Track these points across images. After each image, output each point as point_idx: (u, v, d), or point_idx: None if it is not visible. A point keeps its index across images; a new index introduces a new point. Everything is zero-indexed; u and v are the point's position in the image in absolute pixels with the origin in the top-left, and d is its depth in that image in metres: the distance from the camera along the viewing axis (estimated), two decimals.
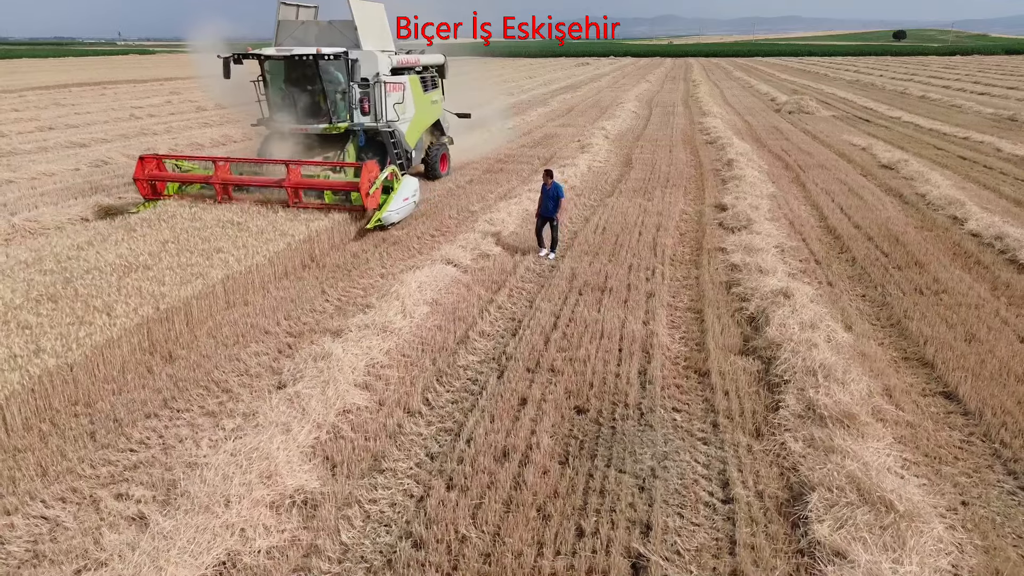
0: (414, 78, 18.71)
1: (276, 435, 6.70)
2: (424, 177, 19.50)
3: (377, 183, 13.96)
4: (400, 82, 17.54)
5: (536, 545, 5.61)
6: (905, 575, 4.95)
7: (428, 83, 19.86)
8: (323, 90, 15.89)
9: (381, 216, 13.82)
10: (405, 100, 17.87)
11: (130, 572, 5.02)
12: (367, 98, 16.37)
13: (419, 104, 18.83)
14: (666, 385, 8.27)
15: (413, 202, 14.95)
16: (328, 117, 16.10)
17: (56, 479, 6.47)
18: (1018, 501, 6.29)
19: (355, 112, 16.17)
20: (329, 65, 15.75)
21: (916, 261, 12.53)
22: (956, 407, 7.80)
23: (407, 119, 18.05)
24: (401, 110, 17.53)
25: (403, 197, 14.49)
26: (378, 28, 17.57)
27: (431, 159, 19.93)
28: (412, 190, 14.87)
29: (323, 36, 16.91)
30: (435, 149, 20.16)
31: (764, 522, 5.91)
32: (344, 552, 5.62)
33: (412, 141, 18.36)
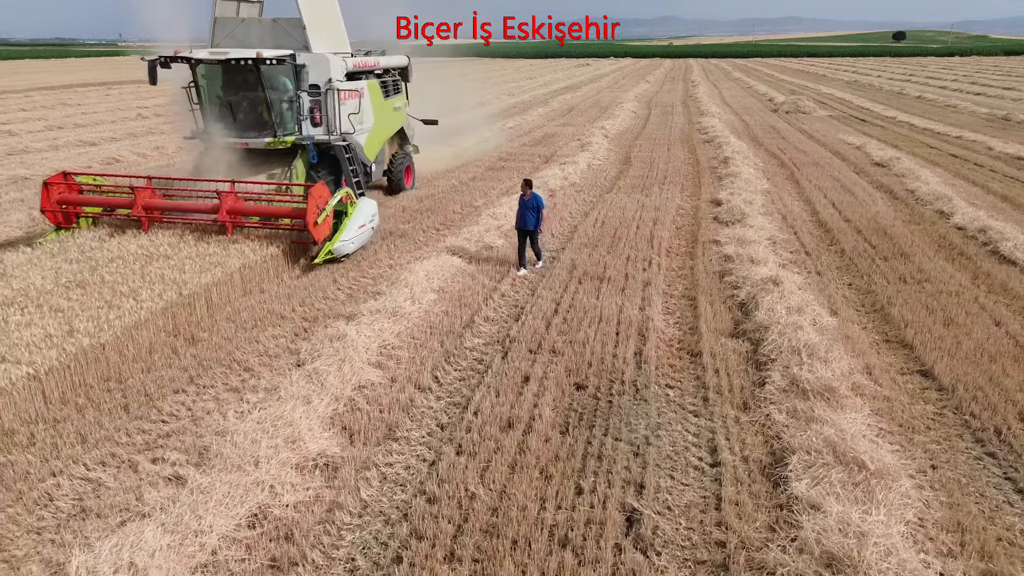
0: (373, 83, 16.84)
1: (298, 406, 7.24)
2: (387, 192, 18.18)
3: (327, 209, 12.11)
4: (356, 88, 15.64)
5: (539, 501, 6.14)
6: (873, 523, 5.47)
7: (390, 88, 18.01)
8: (266, 99, 13.81)
9: (332, 247, 12.12)
10: (362, 108, 16.03)
11: (172, 521, 5.56)
12: (318, 107, 14.51)
13: (379, 112, 17.04)
14: (660, 364, 8.81)
15: (371, 228, 13.17)
16: (272, 130, 14.03)
17: (95, 445, 7.00)
18: (984, 465, 6.83)
19: (304, 124, 14.35)
20: (272, 70, 13.76)
21: (902, 252, 13.07)
22: (931, 383, 8.34)
23: (365, 129, 16.21)
24: (358, 120, 15.68)
25: (358, 224, 12.62)
26: (331, 27, 15.63)
27: (394, 172, 18.16)
28: (369, 215, 13.06)
29: (267, 36, 14.82)
30: (399, 160, 18.34)
31: (748, 482, 6.45)
32: (364, 507, 6.16)
33: (372, 153, 16.61)
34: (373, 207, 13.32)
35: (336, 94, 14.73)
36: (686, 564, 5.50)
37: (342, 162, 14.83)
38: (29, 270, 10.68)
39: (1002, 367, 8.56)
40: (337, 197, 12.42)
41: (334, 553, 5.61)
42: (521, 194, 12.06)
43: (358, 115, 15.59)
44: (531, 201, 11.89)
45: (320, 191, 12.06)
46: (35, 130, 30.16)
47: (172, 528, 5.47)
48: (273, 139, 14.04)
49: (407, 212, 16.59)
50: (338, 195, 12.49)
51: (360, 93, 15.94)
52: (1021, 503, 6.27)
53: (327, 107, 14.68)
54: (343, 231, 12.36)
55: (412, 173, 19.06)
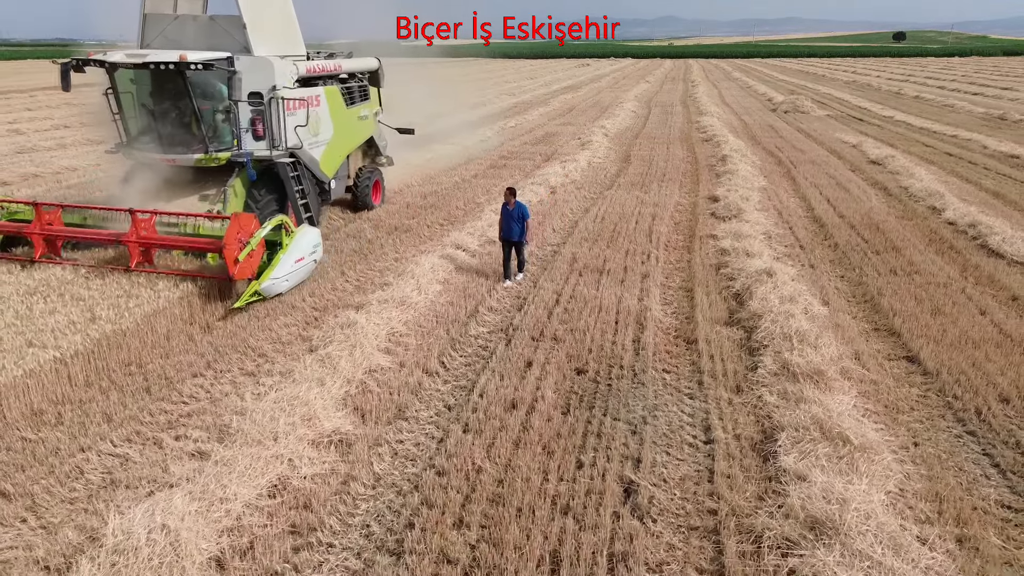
0: (332, 90, 14.88)
1: (312, 387, 7.61)
2: (351, 208, 16.51)
3: (253, 242, 10.41)
4: (305, 97, 13.52)
5: (542, 473, 6.52)
6: (854, 492, 5.84)
7: (355, 94, 16.06)
8: (195, 109, 12.06)
9: (260, 287, 10.35)
10: (317, 118, 14.04)
11: (199, 490, 5.93)
12: (260, 119, 12.67)
13: (340, 122, 15.08)
14: (657, 351, 9.18)
15: (313, 260, 11.53)
16: (203, 144, 12.22)
17: (121, 424, 7.38)
18: (963, 443, 7.20)
19: (246, 137, 12.64)
20: (202, 76, 11.99)
21: (893, 246, 13.45)
22: (917, 368, 8.72)
23: (322, 142, 14.37)
24: (311, 131, 13.74)
25: (295, 257, 10.91)
26: (279, 26, 13.79)
27: (360, 188, 16.25)
28: (310, 246, 11.34)
29: (203, 36, 12.96)
30: (365, 175, 16.42)
31: (740, 457, 6.82)
32: (377, 480, 6.54)
33: (330, 168, 14.78)
34: (315, 237, 11.58)
35: (281, 103, 12.75)
36: (680, 530, 5.87)
37: (286, 182, 12.85)
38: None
39: (985, 353, 8.94)
40: (267, 227, 10.72)
41: (350, 520, 5.99)
42: (504, 203, 11.42)
43: (308, 126, 13.48)
44: (515, 211, 11.27)
45: (244, 221, 10.57)
46: (42, 129, 30.57)
47: (199, 496, 5.85)
48: (204, 155, 12.18)
49: (411, 208, 16.97)
50: (269, 224, 10.76)
51: (311, 102, 13.84)
52: (997, 477, 6.64)
53: (271, 118, 12.75)
54: (275, 266, 10.56)
55: (381, 189, 17.24)
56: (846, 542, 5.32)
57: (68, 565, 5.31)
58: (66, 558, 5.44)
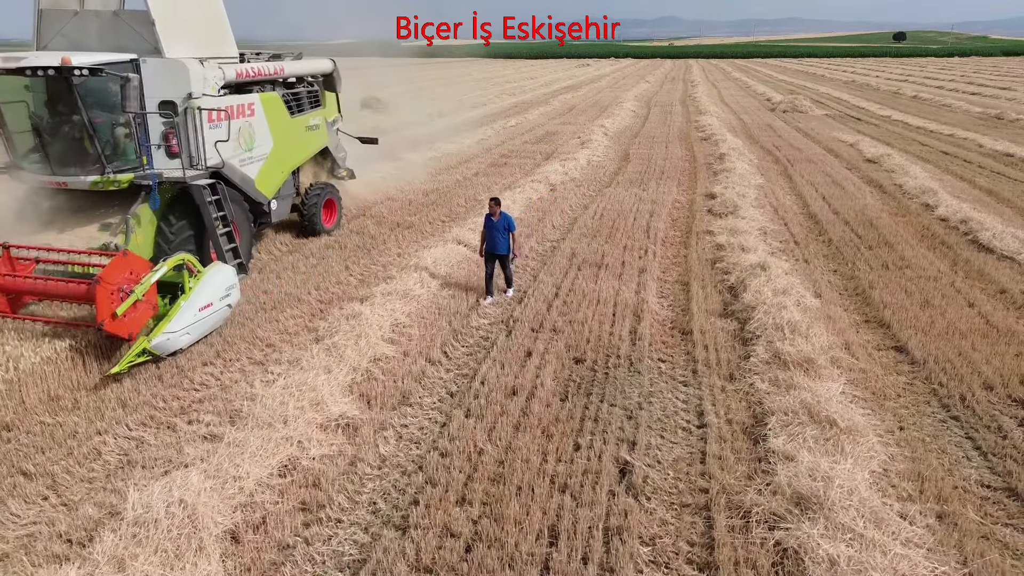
0: (271, 97, 12.93)
1: (320, 374, 7.90)
2: (300, 233, 14.44)
3: (139, 290, 8.58)
4: (226, 107, 11.33)
5: (541, 454, 6.80)
6: (839, 471, 6.11)
7: (303, 101, 14.19)
8: (88, 122, 10.13)
9: (151, 343, 8.42)
10: (251, 130, 12.20)
11: (213, 469, 6.21)
12: (174, 133, 10.81)
13: (282, 133, 13.13)
14: (653, 341, 9.46)
15: (226, 306, 9.67)
16: (100, 164, 10.37)
17: (135, 409, 7.66)
18: (947, 427, 7.47)
19: (156, 155, 10.80)
20: (95, 83, 10.05)
21: (886, 242, 13.72)
22: (905, 358, 8.99)
23: (258, 156, 12.47)
24: (243, 145, 11.93)
25: (202, 303, 9.10)
26: (199, 22, 11.84)
27: (308, 208, 14.14)
28: (222, 289, 9.51)
29: (109, 35, 11.11)
30: (314, 193, 14.30)
31: (731, 440, 7.10)
32: (383, 461, 6.82)
33: (271, 187, 12.89)
34: (228, 277, 9.71)
35: (199, 114, 10.82)
36: (672, 507, 6.15)
37: (202, 209, 10.63)
38: None
39: (971, 343, 9.21)
40: (159, 270, 8.90)
41: (357, 498, 6.27)
42: (488, 214, 10.63)
43: (237, 140, 11.66)
44: (500, 222, 10.54)
45: (133, 263, 8.78)
46: None
47: (213, 474, 6.13)
48: (100, 177, 10.36)
49: (413, 205, 17.25)
50: (163, 265, 8.98)
51: (247, 110, 12.08)
52: (978, 458, 6.91)
53: (186, 132, 10.87)
54: (172, 317, 8.70)
55: (337, 209, 15.10)
56: (830, 516, 5.60)
57: (90, 538, 5.59)
58: (87, 532, 5.73)
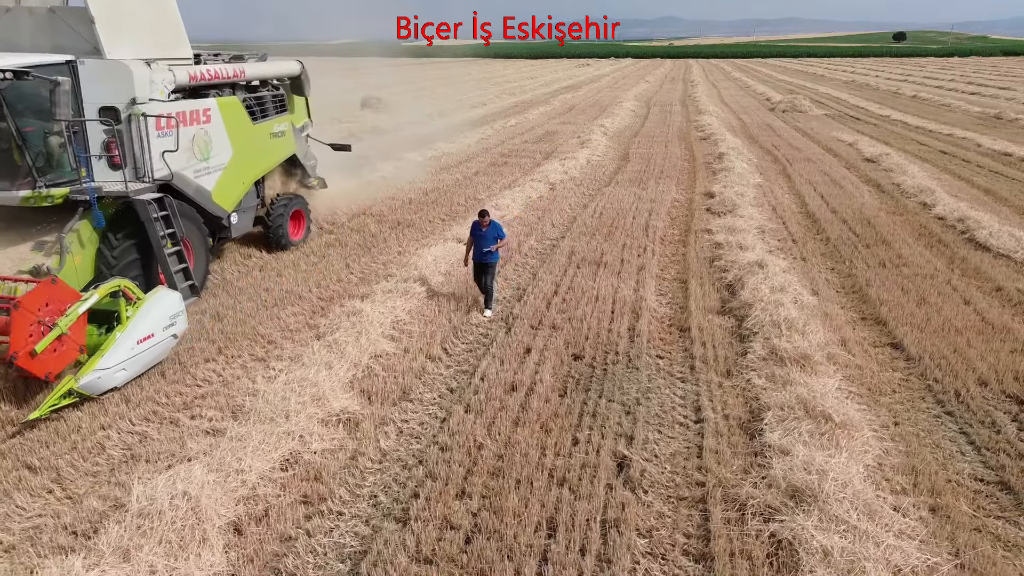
0: (230, 101, 12.02)
1: (321, 370, 7.98)
2: (266, 246, 13.41)
3: (64, 323, 7.55)
4: (175, 113, 10.42)
5: (540, 449, 6.88)
6: (834, 464, 6.19)
7: (268, 106, 13.24)
8: (15, 131, 9.27)
9: (78, 383, 7.53)
10: (207, 138, 11.27)
11: (216, 462, 6.30)
12: (116, 142, 9.84)
13: (243, 140, 12.18)
14: (652, 338, 9.54)
15: (171, 336, 8.65)
16: (31, 178, 9.43)
17: (138, 405, 7.74)
18: (942, 422, 7.55)
19: (97, 167, 9.88)
20: (23, 88, 9.18)
21: (883, 240, 13.80)
22: (900, 354, 9.07)
23: (216, 167, 11.55)
24: (198, 154, 11.06)
25: (141, 335, 8.11)
26: (146, 20, 10.83)
27: (273, 220, 13.11)
28: (165, 317, 8.48)
29: (44, 34, 10.13)
30: (280, 205, 13.31)
31: (728, 435, 7.18)
32: (383, 455, 6.90)
33: (230, 199, 11.97)
34: (173, 304, 8.71)
35: (144, 122, 9.91)
36: (669, 500, 6.23)
37: (147, 226, 9.67)
38: None
39: (967, 339, 9.29)
40: (89, 299, 7.85)
41: (358, 491, 6.35)
42: (475, 222, 10.21)
43: (191, 149, 10.78)
44: (490, 231, 10.09)
45: (59, 292, 7.72)
46: None
47: (216, 468, 6.21)
48: (32, 192, 9.40)
49: (413, 204, 17.33)
50: (94, 293, 7.94)
51: (202, 116, 11.16)
52: (972, 453, 6.99)
53: (130, 141, 9.97)
54: (105, 352, 7.76)
55: (305, 220, 14.12)
56: (824, 508, 5.68)
57: (95, 530, 5.67)
58: (92, 524, 5.80)
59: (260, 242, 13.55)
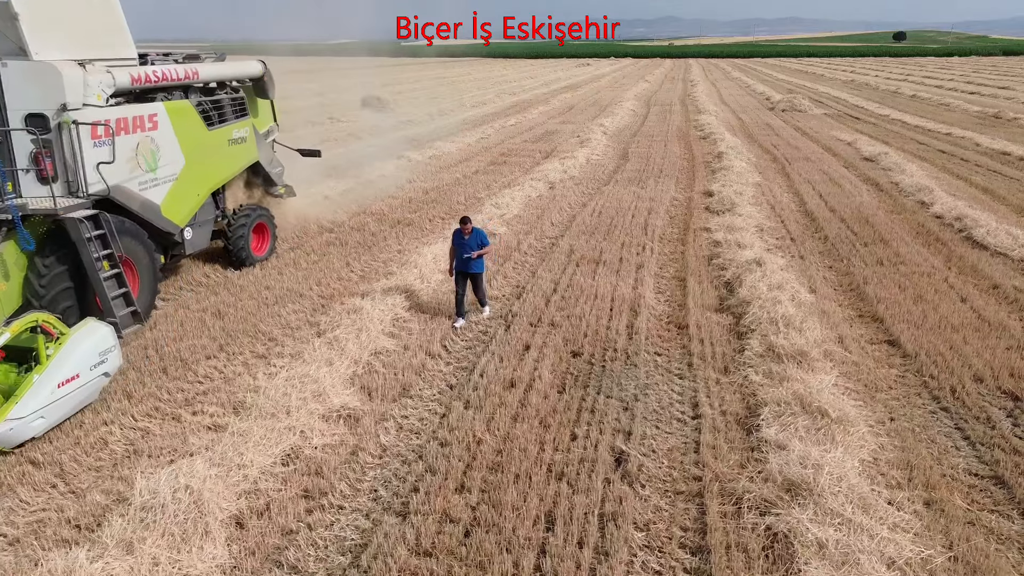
0: (180, 106, 11.04)
1: (322, 367, 8.05)
2: (227, 263, 12.33)
3: None
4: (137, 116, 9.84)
5: (538, 444, 6.94)
6: (829, 459, 6.26)
7: (226, 110, 12.21)
8: None
9: None
10: (154, 147, 10.28)
11: (218, 457, 6.36)
12: (45, 153, 8.99)
13: (196, 148, 11.20)
14: (650, 335, 9.60)
15: (102, 375, 7.76)
16: None
17: (140, 401, 7.80)
18: (937, 418, 7.61)
19: (23, 181, 9.03)
20: None
21: (881, 238, 13.87)
22: (897, 351, 9.14)
23: (165, 178, 10.55)
24: (145, 164, 10.08)
25: (60, 379, 7.19)
26: (79, 18, 9.83)
27: (233, 234, 12.03)
28: (93, 355, 7.58)
29: None
30: (241, 217, 12.22)
31: (725, 430, 7.24)
32: (383, 450, 6.96)
33: (182, 212, 10.98)
34: (103, 339, 7.79)
35: (76, 130, 8.94)
36: (667, 494, 6.29)
37: (80, 248, 8.69)
38: None
39: (963, 336, 9.36)
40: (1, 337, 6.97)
41: (359, 485, 6.41)
42: (456, 230, 9.82)
43: (112, 165, 9.39)
44: (472, 239, 9.73)
45: None
46: None
47: (218, 462, 6.28)
48: None
49: (413, 203, 17.39)
50: (5, 332, 7.04)
51: (146, 122, 10.15)
52: (967, 448, 7.05)
53: (61, 151, 9.03)
54: (20, 398, 6.86)
55: (270, 234, 12.99)
56: (819, 502, 5.74)
57: (98, 523, 5.74)
58: (95, 517, 5.87)
59: (220, 258, 12.40)
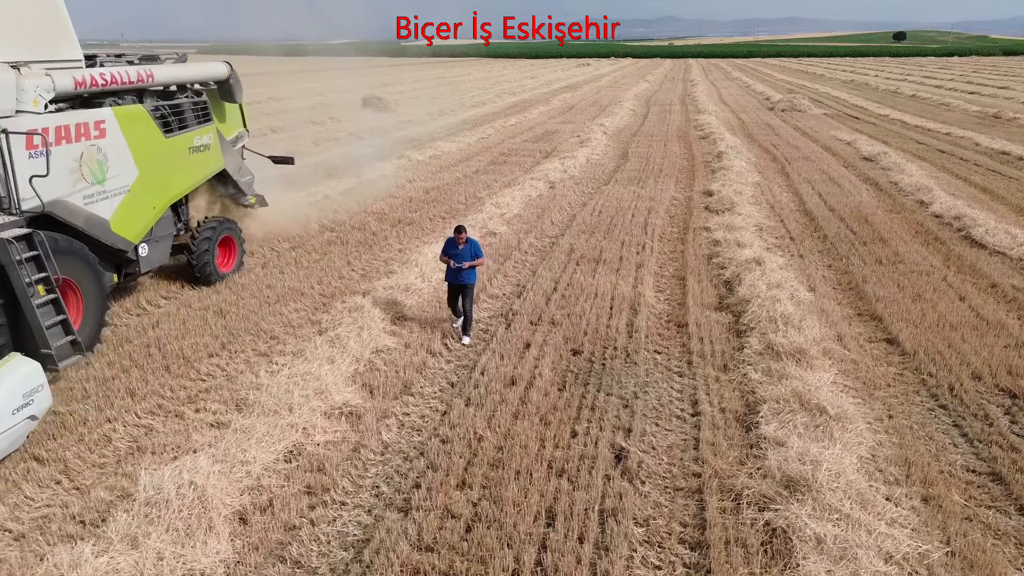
0: (132, 112, 10.07)
1: (323, 365, 8.09)
2: (190, 279, 11.39)
3: None
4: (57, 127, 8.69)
5: (539, 441, 6.99)
6: (828, 455, 6.30)
7: (186, 115, 11.22)
8: None
9: None
10: (100, 156, 9.36)
11: (221, 454, 6.41)
12: None
13: (152, 157, 10.28)
14: (650, 334, 9.65)
15: (28, 418, 6.79)
16: None
17: (143, 398, 7.85)
18: (935, 415, 7.66)
19: None
20: None
21: (880, 238, 13.92)
22: (895, 349, 9.19)
23: (115, 190, 9.65)
24: (92, 176, 9.21)
25: None
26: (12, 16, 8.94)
27: (197, 249, 11.12)
28: (16, 397, 6.63)
29: None
30: (207, 229, 11.31)
31: (724, 427, 7.29)
32: (385, 447, 7.01)
33: (136, 228, 10.08)
34: (28, 378, 6.84)
35: (5, 139, 8.07)
36: (666, 490, 6.34)
37: (8, 271, 7.77)
38: None
39: (961, 335, 9.41)
40: None
41: (361, 482, 6.46)
42: (449, 238, 9.45)
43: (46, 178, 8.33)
44: (467, 249, 9.30)
45: None
46: None
47: (221, 459, 6.33)
48: None
49: (414, 203, 17.44)
50: None
51: (92, 130, 9.23)
52: (965, 445, 7.10)
53: None
54: None
55: (236, 248, 12.07)
56: (818, 498, 5.79)
57: (103, 519, 5.78)
58: (100, 513, 5.92)
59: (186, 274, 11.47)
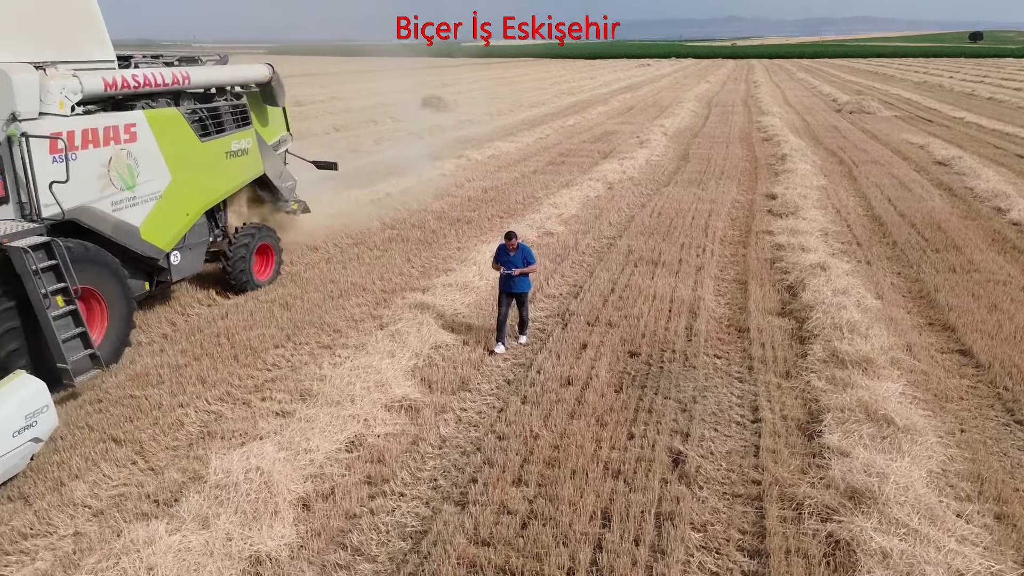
0: (166, 115, 9.75)
1: (384, 359, 8.27)
2: (225, 287, 11.14)
3: None
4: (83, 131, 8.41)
5: (595, 442, 6.99)
6: (895, 468, 6.12)
7: (224, 119, 10.86)
8: None
9: None
10: (131, 161, 9.08)
11: (286, 441, 6.63)
12: None
13: (186, 162, 9.99)
14: (709, 338, 9.52)
15: (31, 440, 6.40)
16: None
17: (213, 386, 8.17)
18: (1011, 431, 7.35)
19: None
20: None
21: (954, 245, 13.38)
22: (969, 361, 8.83)
23: (146, 196, 9.37)
24: (121, 181, 8.97)
25: None
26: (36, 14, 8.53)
27: (232, 260, 10.82)
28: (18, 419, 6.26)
29: None
30: (243, 238, 10.94)
31: (785, 435, 7.14)
32: (443, 441, 7.12)
33: (168, 236, 9.82)
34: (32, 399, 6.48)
35: (26, 143, 7.80)
36: (725, 497, 6.26)
37: (25, 281, 7.44)
38: None
39: None
40: None
41: (419, 474, 6.58)
42: (500, 245, 9.14)
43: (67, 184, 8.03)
44: (517, 255, 9.00)
45: None
46: None
47: (286, 446, 6.54)
48: None
49: (472, 201, 17.60)
50: None
51: (122, 133, 8.93)
52: None
53: (11, 168, 7.96)
54: None
55: (274, 257, 11.70)
56: (884, 511, 5.63)
57: (175, 499, 6.05)
58: (172, 493, 6.19)
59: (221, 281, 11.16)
